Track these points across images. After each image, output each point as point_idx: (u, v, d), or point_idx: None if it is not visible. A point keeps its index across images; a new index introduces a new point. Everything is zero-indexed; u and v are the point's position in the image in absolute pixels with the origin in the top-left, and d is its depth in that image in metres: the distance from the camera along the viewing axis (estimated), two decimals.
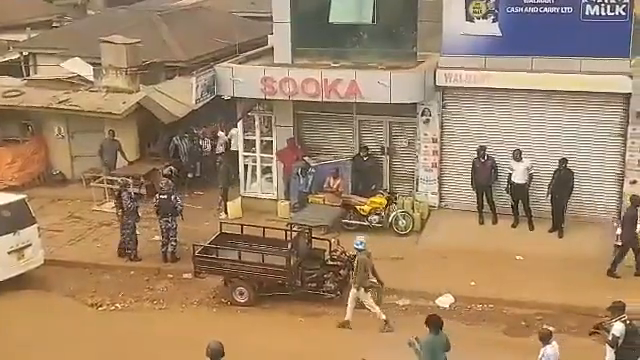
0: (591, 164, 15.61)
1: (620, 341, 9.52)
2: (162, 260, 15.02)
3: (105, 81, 19.23)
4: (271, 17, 17.06)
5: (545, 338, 9.44)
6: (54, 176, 19.90)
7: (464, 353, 9.98)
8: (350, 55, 16.53)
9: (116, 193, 15.58)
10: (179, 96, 18.55)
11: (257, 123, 17.50)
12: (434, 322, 9.36)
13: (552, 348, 9.40)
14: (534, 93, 15.51)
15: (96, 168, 19.10)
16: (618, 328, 9.55)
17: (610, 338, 9.57)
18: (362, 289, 12.12)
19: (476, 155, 15.80)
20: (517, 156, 15.39)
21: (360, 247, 12.13)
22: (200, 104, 16.65)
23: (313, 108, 16.74)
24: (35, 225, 14.43)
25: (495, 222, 15.96)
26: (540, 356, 9.43)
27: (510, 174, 15.53)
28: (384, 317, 12.15)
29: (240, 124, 17.60)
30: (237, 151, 18.06)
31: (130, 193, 15.20)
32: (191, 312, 13.28)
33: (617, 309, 9.78)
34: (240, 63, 16.96)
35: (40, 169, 19.91)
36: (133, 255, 15.16)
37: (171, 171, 17.35)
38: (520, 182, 15.43)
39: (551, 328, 9.83)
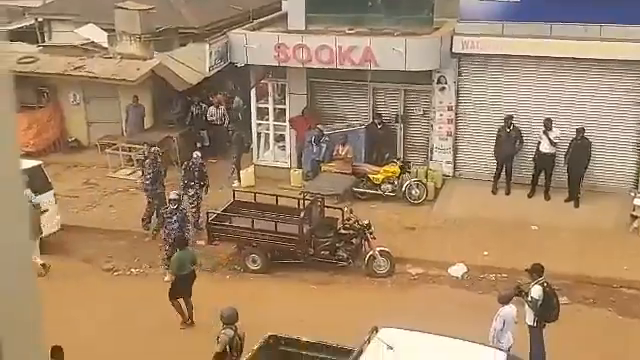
0: (609, 133, 15.41)
1: (539, 303, 9.93)
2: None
3: (119, 48, 19.19)
4: None
5: (503, 300, 9.79)
6: (70, 142, 20.00)
7: (477, 323, 10.00)
8: (365, 21, 16.33)
9: (141, 160, 15.65)
10: (193, 63, 18.47)
11: (270, 91, 17.41)
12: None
13: (509, 309, 9.74)
14: (552, 61, 15.27)
15: (111, 135, 19.17)
16: (536, 291, 9.97)
17: (529, 300, 9.98)
18: None
19: (502, 124, 15.60)
20: (548, 125, 15.15)
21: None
22: (213, 71, 16.57)
23: (327, 75, 16.61)
24: (52, 191, 14.54)
25: (508, 192, 15.85)
26: (496, 316, 9.74)
27: (539, 143, 15.33)
28: None
29: (253, 92, 17.52)
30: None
31: (155, 161, 15.18)
32: (205, 278, 13.37)
33: (536, 272, 10.12)
34: (253, 30, 16.82)
35: (56, 135, 20.01)
36: (145, 223, 15.18)
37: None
38: (548, 152, 15.23)
39: (513, 290, 10.17)
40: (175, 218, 13.08)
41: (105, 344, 11.06)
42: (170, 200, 13.41)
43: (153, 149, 15.62)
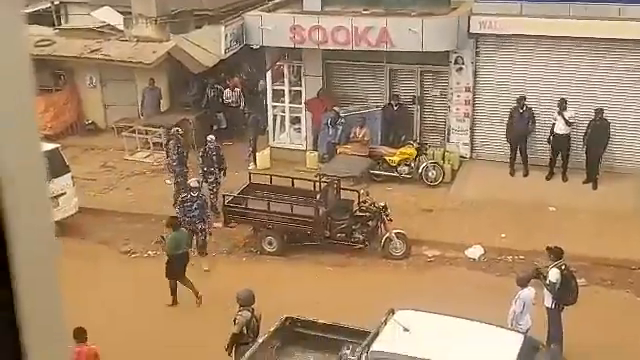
0: (628, 114, 15.22)
1: (557, 286, 9.92)
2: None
3: (135, 30, 19.18)
4: None
5: (521, 282, 9.77)
6: (87, 125, 20.07)
7: (494, 305, 9.98)
8: (381, 2, 16.19)
9: (165, 142, 15.70)
10: (208, 45, 18.44)
11: (286, 73, 17.35)
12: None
13: (528, 292, 9.73)
14: (571, 40, 15.06)
15: (128, 117, 19.22)
16: (554, 274, 9.95)
17: (547, 283, 9.96)
18: None
19: (515, 105, 15.46)
20: (562, 106, 14.99)
21: None
22: (229, 53, 16.52)
23: (343, 57, 16.52)
24: (69, 174, 14.62)
25: (526, 174, 15.74)
26: (515, 298, 9.68)
27: (553, 124, 15.20)
28: None
29: (268, 74, 17.47)
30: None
31: (178, 142, 15.15)
32: (221, 261, 13.44)
33: (554, 255, 10.13)
34: (269, 11, 16.74)
35: (73, 118, 20.09)
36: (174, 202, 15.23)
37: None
38: (563, 132, 15.09)
39: (532, 272, 10.16)
40: (195, 205, 12.99)
41: (122, 325, 11.16)
42: (191, 188, 13.27)
43: (174, 130, 15.67)
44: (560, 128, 15.07)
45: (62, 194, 14.28)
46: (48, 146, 14.51)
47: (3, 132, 0.97)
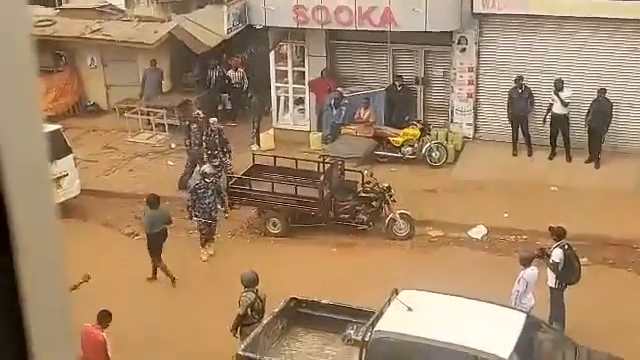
0: (631, 94, 15.16)
1: (560, 265, 9.97)
2: None
3: (137, 10, 19.08)
4: None
5: (524, 262, 9.79)
6: (88, 107, 20.01)
7: (497, 284, 10.00)
8: None
9: (186, 125, 15.62)
10: (211, 25, 18.33)
11: (289, 53, 17.26)
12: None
13: (531, 271, 9.76)
14: (575, 20, 14.97)
15: (130, 98, 19.16)
16: (557, 254, 10.01)
17: (551, 263, 10.01)
18: None
19: (513, 85, 15.42)
20: (558, 86, 14.95)
21: None
22: (232, 33, 16.44)
23: (346, 37, 16.43)
24: (71, 155, 14.60)
25: (530, 154, 15.72)
26: (519, 278, 9.71)
27: (551, 104, 15.16)
28: None
29: (272, 54, 17.38)
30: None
31: (199, 125, 15.03)
32: (225, 242, 13.47)
33: (557, 235, 10.18)
34: None
35: (74, 99, 20.02)
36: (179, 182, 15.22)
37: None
38: (560, 112, 15.06)
39: (535, 252, 10.21)
40: (210, 192, 12.66)
41: (125, 307, 11.18)
42: (205, 174, 12.81)
43: (196, 113, 15.62)
44: (557, 108, 15.05)
45: (64, 176, 14.27)
46: (50, 128, 14.50)
47: (5, 113, 0.96)
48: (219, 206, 12.85)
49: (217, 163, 14.62)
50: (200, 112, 15.78)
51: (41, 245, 1.01)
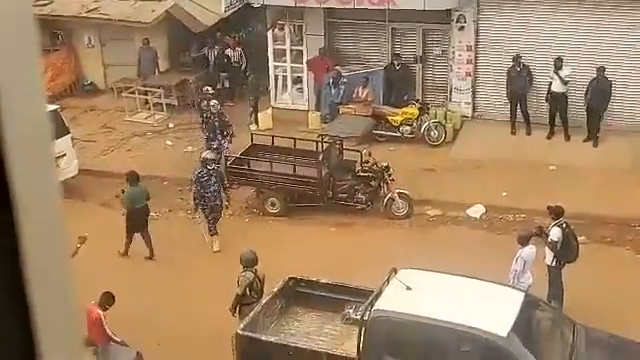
0: (630, 73, 15.11)
1: (559, 244, 10.02)
2: None
3: None
4: None
5: (523, 240, 9.83)
6: (86, 86, 19.90)
7: (495, 263, 10.04)
8: None
9: (196, 103, 15.57)
10: (208, 4, 18.20)
11: (287, 32, 17.16)
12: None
13: (530, 250, 9.80)
14: None
15: (128, 78, 19.05)
16: (555, 232, 10.07)
17: (549, 241, 10.06)
18: None
19: (512, 64, 15.36)
20: (558, 64, 14.89)
21: None
22: (229, 12, 16.32)
23: (345, 16, 16.32)
24: (69, 135, 14.56)
25: (529, 133, 15.70)
26: (517, 257, 9.75)
27: (550, 83, 15.11)
28: None
29: (270, 33, 17.27)
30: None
31: (210, 103, 14.86)
32: (224, 222, 13.46)
33: (555, 213, 10.23)
34: None
35: (71, 79, 19.89)
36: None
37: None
38: (559, 91, 15.02)
39: (533, 230, 10.23)
40: (213, 179, 12.27)
41: (125, 288, 11.21)
42: (206, 161, 12.30)
43: (205, 89, 15.61)
44: (556, 86, 15.00)
45: (62, 156, 14.21)
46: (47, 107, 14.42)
47: (9, 92, 0.95)
48: (223, 194, 12.55)
49: (216, 146, 14.30)
50: (209, 88, 15.69)
51: (41, 203, 1.01)
